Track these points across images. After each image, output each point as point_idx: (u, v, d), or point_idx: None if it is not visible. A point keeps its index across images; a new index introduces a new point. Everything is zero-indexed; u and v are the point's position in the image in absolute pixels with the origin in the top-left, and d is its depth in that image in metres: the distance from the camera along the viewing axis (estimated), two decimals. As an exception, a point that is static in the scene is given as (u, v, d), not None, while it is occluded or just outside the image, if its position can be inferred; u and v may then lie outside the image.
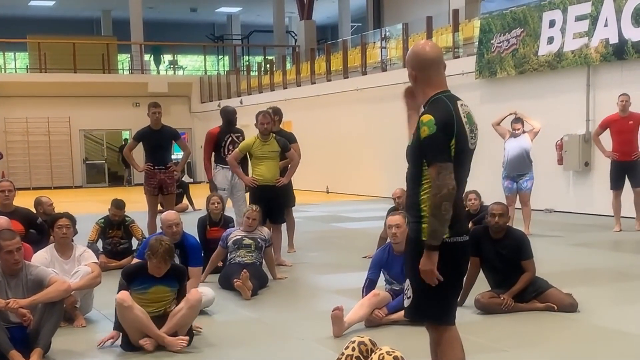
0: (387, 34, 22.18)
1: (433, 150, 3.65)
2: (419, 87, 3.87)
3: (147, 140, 10.70)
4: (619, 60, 13.18)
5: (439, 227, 3.62)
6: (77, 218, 7.58)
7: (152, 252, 5.72)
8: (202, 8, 37.50)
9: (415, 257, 3.74)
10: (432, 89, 3.82)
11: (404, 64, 19.32)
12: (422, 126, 3.67)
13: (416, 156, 3.76)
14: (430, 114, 3.69)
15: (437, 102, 3.77)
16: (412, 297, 3.84)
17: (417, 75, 3.85)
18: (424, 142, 3.66)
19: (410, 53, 3.90)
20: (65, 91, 28.32)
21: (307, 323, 6.56)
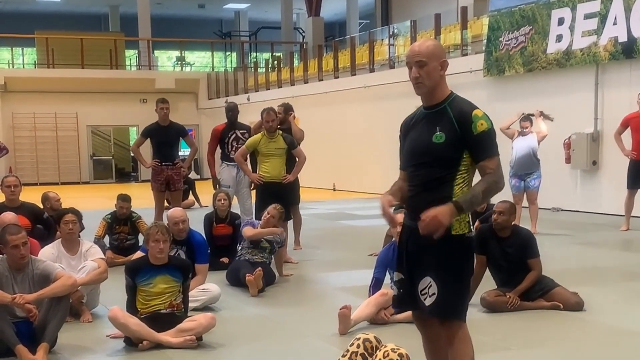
0: (395, 31, 22.15)
1: (493, 144, 3.71)
2: (442, 81, 3.81)
3: (155, 137, 10.72)
4: (628, 58, 13.13)
5: (478, 205, 3.76)
6: (84, 214, 7.60)
7: (148, 235, 5.78)
8: (209, 4, 37.51)
9: (442, 254, 3.71)
10: (447, 87, 3.84)
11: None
12: (477, 120, 3.66)
13: (454, 152, 3.71)
14: (478, 109, 3.72)
15: (464, 99, 3.81)
16: (438, 294, 3.74)
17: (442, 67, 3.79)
18: (481, 136, 3.66)
19: (436, 46, 3.83)
20: (73, 87, 28.39)
21: (312, 320, 6.55)
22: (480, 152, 3.69)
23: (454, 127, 3.68)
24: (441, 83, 3.80)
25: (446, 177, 3.71)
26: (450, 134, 3.69)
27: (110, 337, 5.88)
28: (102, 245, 9.24)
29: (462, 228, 3.73)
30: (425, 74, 3.76)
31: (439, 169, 3.73)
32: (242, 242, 8.12)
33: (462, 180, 3.72)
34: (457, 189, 3.70)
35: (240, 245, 8.18)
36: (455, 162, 3.70)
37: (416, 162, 3.85)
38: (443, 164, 3.72)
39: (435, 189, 3.73)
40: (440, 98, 3.80)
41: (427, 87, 3.79)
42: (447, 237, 3.66)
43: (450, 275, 3.72)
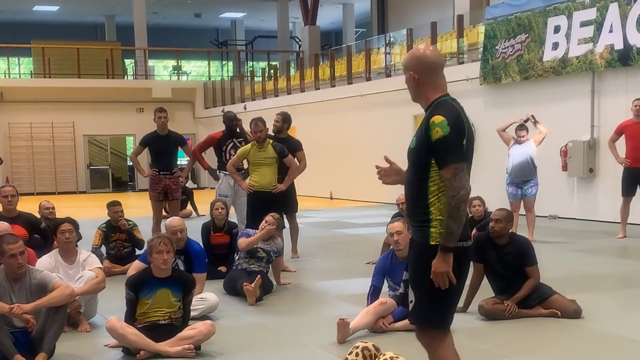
0: (391, 39, 22.21)
1: (448, 152, 3.59)
2: (421, 90, 3.81)
3: (153, 146, 10.73)
4: (624, 66, 13.17)
5: (457, 229, 3.60)
6: (81, 223, 7.58)
7: (151, 246, 5.75)
8: (206, 13, 37.57)
9: (420, 261, 3.73)
10: (436, 92, 3.79)
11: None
12: (433, 127, 3.61)
13: (422, 159, 3.70)
14: (441, 114, 3.63)
15: (444, 104, 3.73)
16: (414, 301, 3.82)
17: (420, 78, 3.78)
18: (437, 143, 3.60)
19: (410, 57, 3.85)
20: (69, 96, 28.40)
21: (310, 329, 6.54)
22: (437, 161, 3.64)
23: (422, 133, 3.69)
24: (424, 90, 3.81)
25: (420, 184, 3.72)
26: (418, 139, 3.72)
27: (108, 347, 5.86)
28: (99, 254, 9.21)
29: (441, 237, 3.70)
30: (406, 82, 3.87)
31: (414, 175, 3.77)
32: (239, 251, 8.11)
33: (436, 188, 3.68)
34: (433, 198, 3.69)
35: (237, 255, 8.17)
36: (424, 168, 3.69)
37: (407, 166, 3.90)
38: (416, 169, 3.75)
39: (415, 196, 3.78)
40: (426, 104, 3.82)
41: (411, 95, 3.89)
42: (426, 246, 3.70)
43: (425, 283, 3.71)
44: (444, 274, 3.63)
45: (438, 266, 3.63)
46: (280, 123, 10.24)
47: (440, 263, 3.62)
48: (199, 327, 5.74)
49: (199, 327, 5.74)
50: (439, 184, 3.66)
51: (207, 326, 5.77)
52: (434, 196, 3.67)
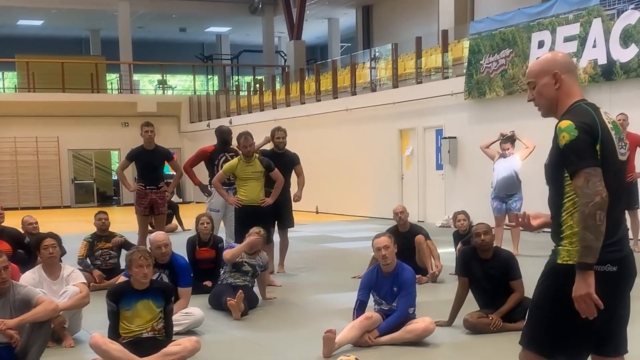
0: (376, 54, 22.31)
1: (578, 156, 3.24)
2: (559, 96, 3.47)
3: (140, 160, 10.71)
4: (608, 81, 13.27)
5: (594, 241, 3.16)
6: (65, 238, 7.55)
7: (131, 260, 5.72)
8: (191, 28, 37.58)
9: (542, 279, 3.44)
10: (572, 97, 3.46)
11: (394, 84, 19.47)
12: (560, 133, 3.30)
13: (556, 173, 3.39)
14: (568, 119, 3.32)
15: (578, 109, 3.41)
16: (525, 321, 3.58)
17: (565, 79, 3.45)
18: (564, 149, 3.28)
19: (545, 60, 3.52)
20: (54, 111, 28.30)
21: (296, 343, 6.53)
22: (568, 169, 3.29)
23: (554, 144, 3.37)
24: (563, 94, 3.47)
25: (558, 201, 3.40)
26: (552, 152, 3.42)
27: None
28: (86, 265, 9.20)
29: (571, 257, 3.30)
30: (537, 94, 3.53)
31: (553, 192, 3.46)
32: (225, 265, 8.10)
33: (570, 204, 3.33)
34: (566, 216, 3.36)
35: (222, 269, 8.16)
36: (560, 183, 3.36)
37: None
38: (554, 186, 3.43)
39: (554, 215, 3.46)
40: (560, 112, 3.48)
41: (544, 108, 3.56)
42: (553, 265, 3.40)
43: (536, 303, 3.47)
44: (586, 297, 3.17)
45: (577, 290, 3.18)
46: (285, 139, 10.30)
47: (579, 285, 3.17)
48: (184, 343, 5.72)
49: (184, 343, 5.72)
50: (573, 199, 3.32)
51: (192, 342, 5.75)
52: (567, 213, 3.35)
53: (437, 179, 17.82)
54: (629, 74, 12.84)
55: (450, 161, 17.02)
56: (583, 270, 3.17)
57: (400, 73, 19.86)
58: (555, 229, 3.42)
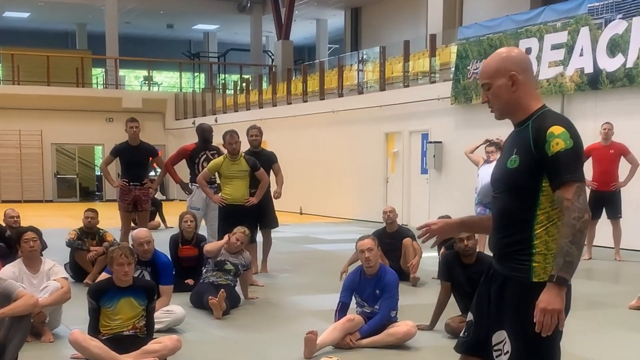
0: (364, 56, 22.33)
1: (570, 167, 3.04)
2: (518, 98, 3.22)
3: (124, 156, 10.66)
4: (593, 90, 13.33)
5: (578, 257, 3.00)
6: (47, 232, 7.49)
7: (112, 258, 5.68)
8: (178, 24, 37.47)
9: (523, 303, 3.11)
10: (535, 100, 3.24)
11: (381, 87, 19.49)
12: (552, 139, 3.04)
13: (530, 181, 3.13)
14: (559, 125, 3.08)
15: (555, 114, 3.20)
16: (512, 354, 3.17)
17: (522, 80, 3.20)
18: (556, 157, 3.03)
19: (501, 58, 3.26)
20: (38, 104, 28.13)
21: (277, 343, 6.51)
22: (555, 178, 3.05)
23: (530, 149, 3.10)
24: (520, 98, 3.22)
25: (524, 214, 3.14)
26: (525, 157, 3.12)
27: (72, 358, 5.78)
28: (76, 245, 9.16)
29: (547, 274, 3.07)
30: (492, 96, 3.28)
31: (514, 201, 3.17)
32: (207, 264, 8.06)
33: (545, 218, 3.11)
34: (540, 231, 3.11)
35: (205, 268, 8.12)
36: (531, 192, 3.12)
37: (494, 193, 3.32)
38: (518, 194, 3.16)
39: (512, 226, 3.17)
40: (523, 116, 3.23)
41: (499, 111, 3.31)
42: (528, 285, 3.11)
43: (527, 332, 3.09)
44: (556, 312, 2.99)
45: (551, 302, 2.97)
46: (260, 137, 10.25)
47: (554, 298, 2.98)
48: (165, 342, 5.68)
49: (165, 342, 5.68)
50: (548, 213, 3.11)
51: (173, 341, 5.72)
52: (541, 227, 3.11)
53: (422, 183, 17.85)
54: (614, 83, 12.92)
55: (436, 166, 17.05)
56: (560, 284, 2.99)
57: (388, 76, 19.88)
58: (516, 243, 3.16)
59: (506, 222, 3.20)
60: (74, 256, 9.37)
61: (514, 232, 3.16)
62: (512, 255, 3.16)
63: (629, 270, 11.00)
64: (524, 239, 3.13)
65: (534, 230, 3.11)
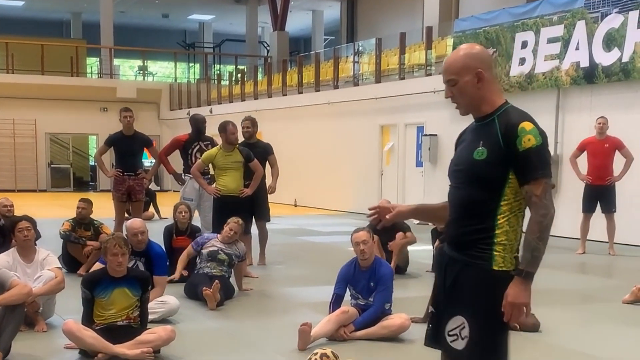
0: (360, 48, 22.28)
1: (540, 164, 3.13)
2: (484, 93, 3.29)
3: (119, 146, 10.62)
4: (589, 84, 13.33)
5: (543, 253, 3.15)
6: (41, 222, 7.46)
7: (106, 248, 5.67)
8: (174, 14, 37.38)
9: (482, 290, 3.21)
10: (499, 95, 3.32)
11: (376, 79, 19.46)
12: (523, 134, 3.12)
13: (495, 172, 3.19)
14: (529, 121, 3.17)
15: (520, 111, 3.27)
16: (470, 339, 3.23)
17: (487, 76, 3.26)
18: (526, 154, 3.12)
19: (468, 56, 3.29)
20: (32, 93, 28.01)
21: (271, 335, 6.51)
22: (524, 173, 3.14)
23: (499, 143, 3.18)
24: (488, 92, 3.29)
25: (488, 203, 3.21)
26: (493, 150, 3.19)
27: (66, 348, 5.77)
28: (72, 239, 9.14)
29: (506, 263, 3.21)
30: (458, 93, 3.33)
31: (479, 191, 3.23)
32: (200, 255, 8.05)
33: (508, 209, 3.22)
34: (502, 220, 3.21)
35: (198, 259, 8.11)
36: (497, 183, 3.19)
37: (455, 181, 3.37)
38: (484, 185, 3.21)
39: (475, 216, 3.24)
40: (488, 110, 3.30)
41: (464, 107, 3.37)
42: (488, 272, 3.20)
43: (485, 318, 3.21)
44: (524, 305, 3.15)
45: (518, 296, 3.12)
46: (251, 128, 10.19)
47: (521, 292, 3.12)
48: (159, 332, 5.67)
49: (159, 332, 5.67)
50: (511, 204, 3.22)
51: (167, 332, 5.71)
52: (504, 218, 3.21)
53: (417, 175, 17.84)
54: (610, 77, 12.91)
55: (430, 159, 17.04)
56: (527, 279, 3.13)
57: (383, 68, 19.85)
58: (477, 232, 3.22)
59: (469, 212, 3.26)
60: (67, 247, 9.35)
61: (476, 222, 3.24)
62: (473, 244, 3.24)
63: (622, 264, 11.02)
64: (486, 229, 3.21)
65: (497, 221, 3.21)
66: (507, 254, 3.20)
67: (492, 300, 3.18)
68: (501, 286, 3.18)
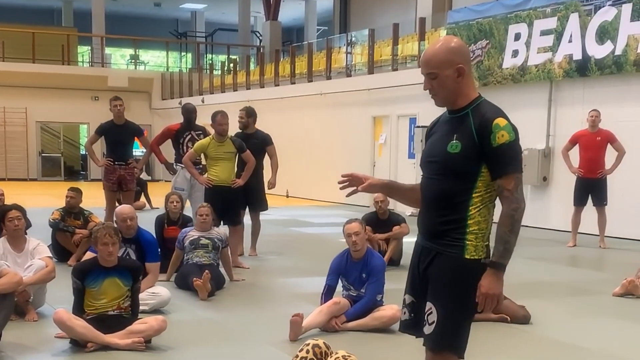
0: (352, 39, 22.22)
1: (513, 159, 3.26)
2: (462, 87, 3.35)
3: (109, 135, 10.58)
4: (582, 77, 13.33)
5: (514, 245, 3.29)
6: (31, 211, 7.43)
7: (96, 237, 5.65)
8: (166, 3, 37.24)
9: (453, 276, 3.34)
10: (473, 88, 3.42)
11: (369, 70, 19.42)
12: (497, 130, 3.23)
13: (469, 166, 3.29)
14: (502, 117, 3.28)
15: (493, 105, 3.37)
16: (436, 324, 3.37)
17: (467, 70, 3.34)
18: (500, 149, 3.23)
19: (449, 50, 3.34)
20: (23, 81, 27.84)
21: (263, 326, 6.50)
22: (497, 168, 3.25)
23: (472, 137, 3.27)
24: (466, 85, 3.36)
25: (460, 195, 3.31)
26: (467, 144, 3.28)
27: (57, 337, 5.75)
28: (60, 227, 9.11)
29: (478, 252, 3.34)
30: (438, 86, 3.38)
31: (452, 183, 3.32)
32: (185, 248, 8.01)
33: (479, 200, 3.31)
34: (474, 211, 3.31)
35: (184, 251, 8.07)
36: (470, 176, 3.29)
37: (428, 174, 3.46)
38: (457, 177, 3.31)
39: (448, 207, 3.34)
40: (463, 103, 3.37)
41: (443, 100, 3.41)
42: (459, 260, 3.32)
43: (453, 304, 3.34)
44: (497, 296, 3.30)
45: (491, 287, 3.28)
46: (245, 118, 10.15)
47: (494, 283, 3.27)
48: (150, 322, 5.66)
49: (150, 322, 5.66)
50: (482, 196, 3.31)
51: (159, 321, 5.70)
52: (475, 209, 3.31)
53: (409, 167, 17.83)
54: (603, 70, 12.92)
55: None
56: (499, 270, 3.29)
57: (376, 59, 19.81)
58: (450, 223, 3.33)
59: (443, 203, 3.36)
60: (56, 237, 9.33)
61: (449, 213, 3.35)
62: (446, 234, 3.35)
63: (613, 257, 11.06)
64: (459, 219, 3.33)
65: (469, 211, 3.32)
66: (479, 243, 3.33)
67: (464, 287, 3.33)
68: (473, 274, 3.33)
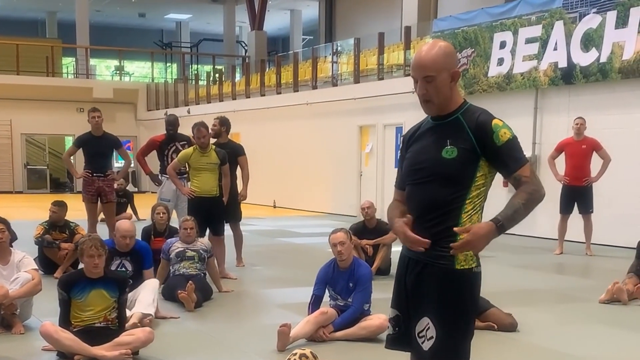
0: (338, 48, 22.25)
1: (520, 152, 3.27)
2: (452, 91, 3.32)
3: (87, 147, 10.53)
4: (567, 84, 13.39)
5: (521, 219, 3.23)
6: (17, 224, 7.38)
7: (82, 250, 5.62)
8: (150, 13, 37.18)
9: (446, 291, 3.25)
10: (459, 94, 3.40)
11: (355, 79, 19.45)
12: (498, 130, 3.22)
13: (465, 171, 3.25)
14: (496, 118, 3.28)
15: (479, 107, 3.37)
16: (436, 338, 3.26)
17: (456, 73, 3.32)
18: (507, 146, 3.23)
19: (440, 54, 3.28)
20: (7, 93, 27.68)
21: (250, 336, 6.48)
22: (510, 163, 3.24)
23: (470, 141, 3.23)
24: (454, 89, 3.34)
25: (453, 202, 3.24)
26: (464, 148, 3.23)
27: (44, 350, 5.71)
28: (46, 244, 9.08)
29: (468, 262, 3.26)
30: (434, 90, 3.31)
31: (445, 190, 3.25)
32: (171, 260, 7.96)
33: (472, 207, 3.27)
34: (465, 218, 3.24)
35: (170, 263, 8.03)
36: (465, 181, 3.24)
37: (419, 180, 3.34)
38: (451, 183, 3.24)
39: (439, 215, 3.25)
40: (452, 108, 3.33)
41: (437, 106, 3.33)
42: (450, 271, 3.24)
43: (452, 316, 3.24)
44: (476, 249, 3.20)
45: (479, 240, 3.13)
46: (218, 127, 10.08)
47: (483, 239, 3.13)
48: (137, 334, 5.63)
49: (137, 334, 5.63)
50: (474, 201, 3.26)
51: (146, 333, 5.67)
52: (467, 216, 3.25)
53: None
54: (588, 78, 12.98)
55: (409, 159, 17.02)
56: (498, 231, 3.15)
57: (362, 69, 19.85)
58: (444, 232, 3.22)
59: (434, 210, 3.27)
60: (42, 250, 9.27)
61: (440, 221, 3.26)
62: (436, 243, 3.24)
63: (599, 264, 11.08)
64: (449, 227, 3.22)
65: (461, 219, 3.24)
66: (469, 251, 3.24)
67: (456, 299, 3.25)
68: (464, 285, 3.26)
